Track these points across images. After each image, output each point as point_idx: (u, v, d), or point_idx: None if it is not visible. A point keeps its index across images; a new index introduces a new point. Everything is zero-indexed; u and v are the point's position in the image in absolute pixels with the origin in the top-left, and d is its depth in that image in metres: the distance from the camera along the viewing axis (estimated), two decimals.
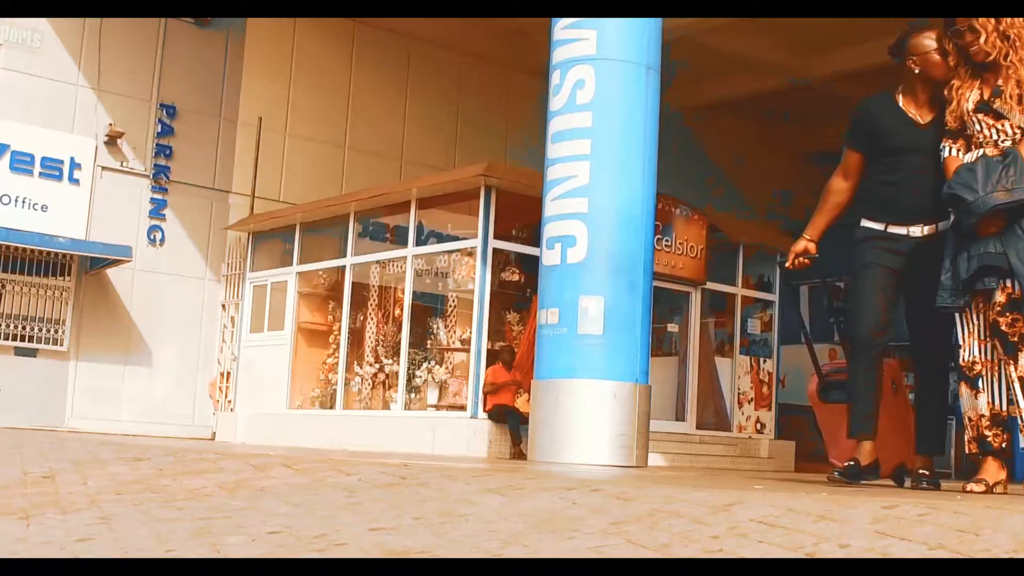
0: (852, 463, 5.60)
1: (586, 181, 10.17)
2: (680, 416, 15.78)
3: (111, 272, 17.48)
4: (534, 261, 11.61)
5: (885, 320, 5.73)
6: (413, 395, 14.89)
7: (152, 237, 17.94)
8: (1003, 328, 5.22)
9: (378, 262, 16.05)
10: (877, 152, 5.84)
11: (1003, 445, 5.35)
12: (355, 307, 16.14)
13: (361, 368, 15.78)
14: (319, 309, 17.05)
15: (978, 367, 5.29)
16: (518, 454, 12.80)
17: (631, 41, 10.48)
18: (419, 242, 15.31)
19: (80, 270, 17.36)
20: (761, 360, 16.88)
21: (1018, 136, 5.31)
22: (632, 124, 10.41)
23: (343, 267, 16.28)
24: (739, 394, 16.45)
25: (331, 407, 16.08)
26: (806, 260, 5.98)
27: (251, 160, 18.90)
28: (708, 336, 16.65)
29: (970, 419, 5.36)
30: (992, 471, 5.39)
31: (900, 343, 6.35)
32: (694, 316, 15.94)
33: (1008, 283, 5.19)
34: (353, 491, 4.42)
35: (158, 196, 18.00)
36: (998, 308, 5.23)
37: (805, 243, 6.00)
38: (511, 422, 13.08)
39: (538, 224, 10.72)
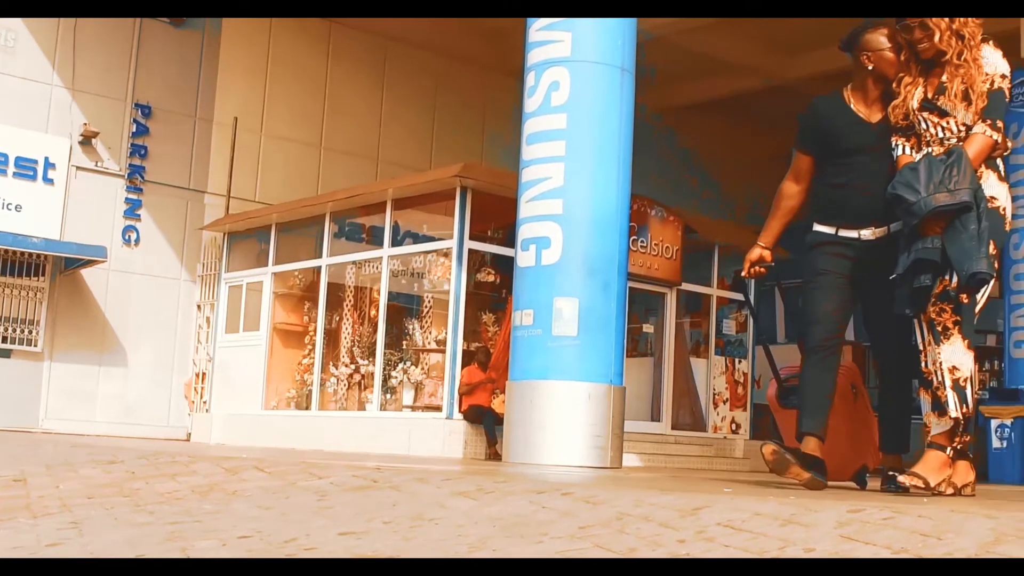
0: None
1: (561, 183, 10.18)
2: (655, 416, 15.82)
3: (86, 272, 17.42)
4: (510, 262, 11.63)
5: (837, 327, 5.66)
6: (389, 396, 14.89)
7: (127, 237, 17.89)
8: (933, 316, 5.17)
9: (354, 263, 16.05)
10: (827, 154, 5.74)
11: (962, 447, 5.30)
12: (331, 308, 16.13)
13: (337, 369, 15.77)
14: (294, 310, 17.03)
15: (931, 376, 5.22)
16: (493, 455, 12.83)
17: (606, 43, 10.49)
18: (395, 242, 15.31)
19: (54, 270, 17.30)
20: (736, 360, 16.94)
21: (963, 134, 5.23)
22: (607, 126, 10.42)
23: (319, 268, 16.26)
24: (714, 394, 16.51)
25: (307, 408, 16.07)
26: (762, 268, 5.90)
27: (226, 160, 18.87)
28: (683, 337, 16.71)
29: (926, 424, 5.32)
30: (961, 473, 5.32)
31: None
32: (669, 317, 15.99)
33: (945, 276, 5.10)
34: (324, 495, 4.43)
35: (133, 196, 17.95)
36: (932, 299, 5.16)
37: (760, 251, 5.90)
38: (486, 423, 13.10)
39: (514, 225, 10.73)
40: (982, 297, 5.28)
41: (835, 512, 3.25)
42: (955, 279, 5.06)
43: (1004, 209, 5.30)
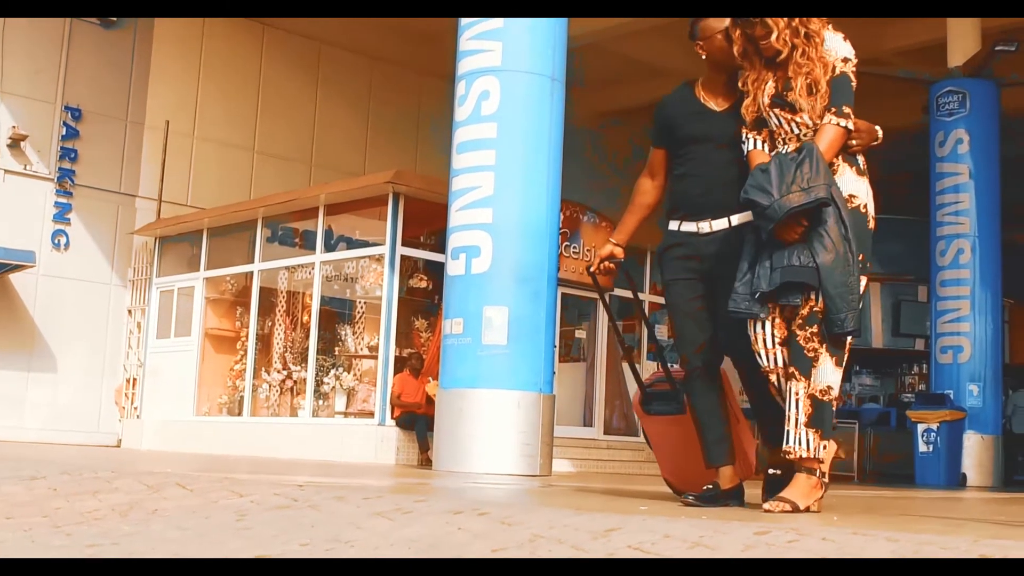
0: (711, 487, 5.27)
1: (491, 192, 10.25)
2: (588, 422, 15.91)
3: (14, 277, 17.21)
4: (442, 268, 11.66)
5: (703, 338, 5.32)
6: (321, 402, 14.87)
7: (56, 242, 17.71)
8: (801, 342, 4.83)
9: (286, 267, 16.00)
10: (672, 145, 5.49)
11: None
12: (263, 313, 16.09)
13: (269, 375, 15.73)
14: (227, 315, 16.96)
15: (773, 377, 4.91)
16: (425, 461, 12.84)
17: (536, 53, 10.58)
18: (328, 247, 15.30)
19: None
20: (669, 366, 17.01)
21: (817, 128, 4.93)
22: (537, 135, 10.51)
23: (251, 272, 16.20)
24: None
25: (239, 414, 16.01)
26: (611, 265, 5.54)
27: (158, 163, 18.74)
28: (615, 342, 16.79)
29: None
30: (808, 489, 4.91)
31: None
32: (602, 322, 16.08)
33: (812, 295, 4.79)
34: (244, 514, 4.44)
35: (63, 200, 17.77)
36: (800, 321, 4.83)
37: (611, 248, 5.56)
38: (418, 429, 13.11)
39: (446, 231, 10.77)
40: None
41: (742, 534, 3.32)
42: (821, 301, 4.76)
43: (865, 207, 4.96)
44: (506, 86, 10.41)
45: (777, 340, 4.88)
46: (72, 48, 18.05)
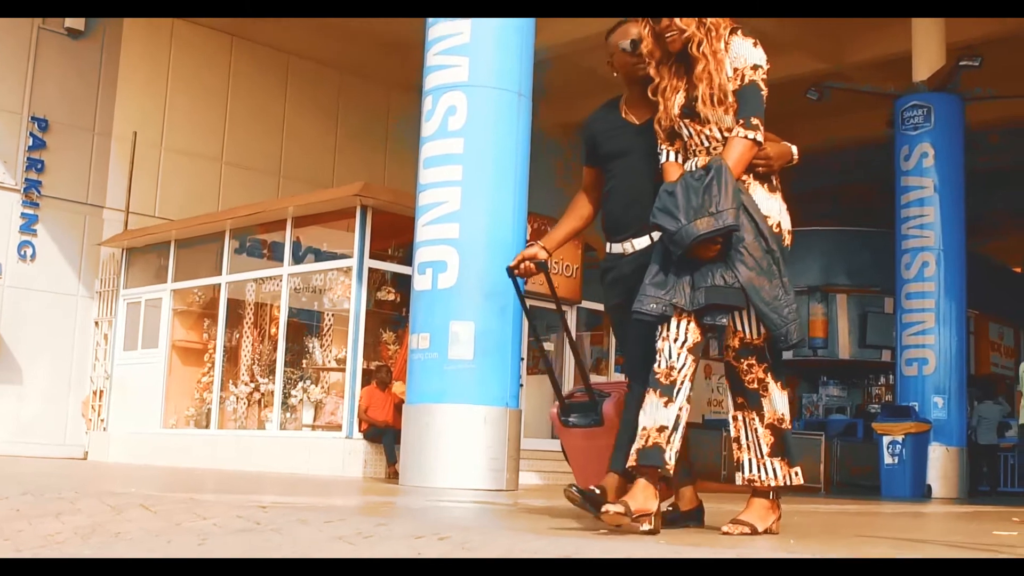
0: (671, 508, 5.23)
1: (458, 207, 10.28)
2: (555, 434, 15.90)
3: None
4: (410, 280, 11.68)
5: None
6: (289, 415, 14.85)
7: (23, 253, 17.61)
8: (740, 375, 4.71)
9: (254, 279, 15.98)
10: (598, 162, 5.35)
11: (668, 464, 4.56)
12: (231, 325, 16.06)
13: (236, 387, 15.70)
14: (194, 327, 16.92)
15: (675, 375, 4.56)
16: (393, 474, 12.83)
17: (503, 68, 10.62)
18: (296, 258, 15.29)
19: None
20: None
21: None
22: (504, 150, 10.55)
23: (218, 284, 16.17)
24: None
25: (206, 426, 15.97)
26: (531, 266, 5.32)
27: (126, 174, 18.67)
28: (584, 354, 16.87)
29: (644, 428, 4.58)
30: (763, 512, 4.80)
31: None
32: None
33: (738, 321, 4.64)
34: (206, 538, 4.44)
35: (29, 211, 17.67)
36: (732, 353, 4.70)
37: (537, 249, 5.34)
38: (386, 442, 13.11)
39: (413, 246, 10.79)
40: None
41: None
42: (754, 332, 4.64)
43: (779, 225, 4.72)
44: (473, 101, 10.45)
45: (688, 345, 4.58)
46: (39, 58, 17.97)
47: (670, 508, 5.27)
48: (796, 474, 4.75)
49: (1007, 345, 26.75)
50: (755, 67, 4.69)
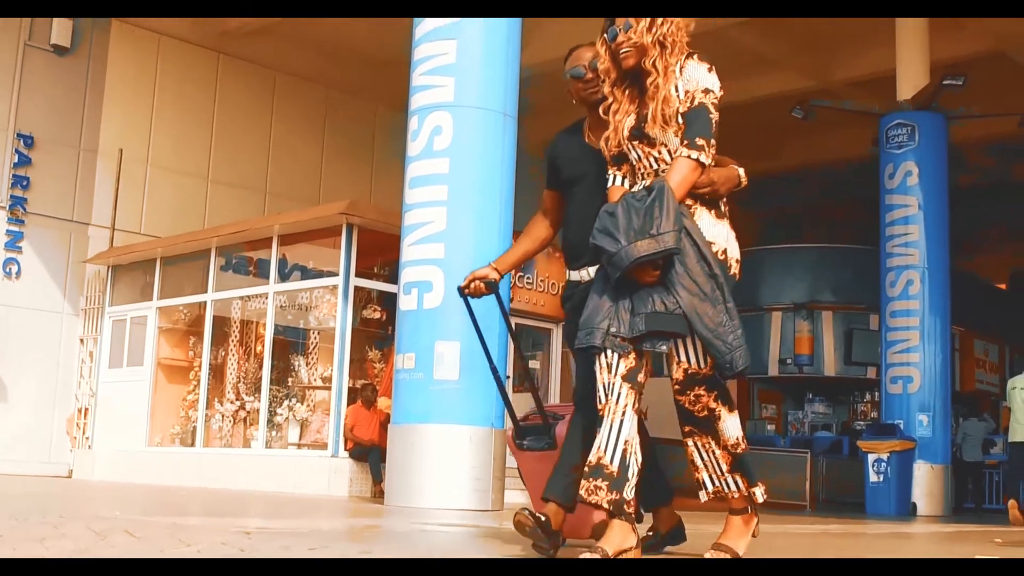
0: (652, 534, 5.24)
1: (443, 227, 10.29)
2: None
3: None
4: (396, 299, 11.68)
5: None
6: (274, 433, 14.83)
7: (8, 270, 17.57)
8: (687, 407, 4.57)
9: (240, 297, 15.96)
10: (559, 186, 5.31)
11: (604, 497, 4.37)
12: (216, 343, 16.03)
13: (222, 405, 15.67)
14: (180, 344, 16.88)
15: (615, 408, 4.40)
16: (378, 492, 12.82)
17: (488, 89, 10.65)
18: (283, 276, 15.28)
19: None
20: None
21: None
22: (489, 170, 10.56)
23: (204, 302, 16.14)
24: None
25: (191, 444, 15.93)
26: (481, 286, 5.28)
27: (111, 191, 18.64)
28: (570, 371, 16.87)
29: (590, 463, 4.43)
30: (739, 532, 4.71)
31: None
32: (556, 352, 16.15)
33: (682, 351, 4.49)
34: None
35: (14, 228, 17.64)
36: (676, 387, 4.54)
37: (489, 270, 5.29)
38: (372, 461, 13.11)
39: (399, 266, 10.79)
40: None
41: None
42: (700, 361, 4.49)
43: (725, 252, 4.55)
44: (458, 122, 10.47)
45: (623, 373, 4.41)
46: (24, 74, 17.96)
47: (650, 533, 5.26)
48: (755, 495, 4.63)
49: (992, 361, 26.85)
50: (706, 91, 4.58)
